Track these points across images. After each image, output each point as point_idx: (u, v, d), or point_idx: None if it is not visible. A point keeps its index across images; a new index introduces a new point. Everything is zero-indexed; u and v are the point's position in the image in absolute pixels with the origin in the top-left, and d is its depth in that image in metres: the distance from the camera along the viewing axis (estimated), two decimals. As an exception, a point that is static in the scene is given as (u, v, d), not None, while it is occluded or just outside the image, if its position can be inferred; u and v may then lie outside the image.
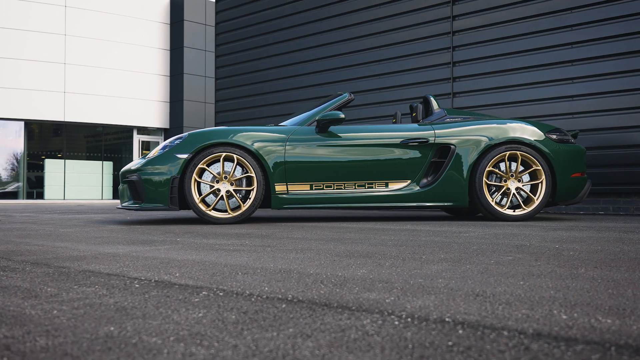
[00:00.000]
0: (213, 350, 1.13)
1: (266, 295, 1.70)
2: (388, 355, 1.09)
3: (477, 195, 5.20)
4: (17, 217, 7.05)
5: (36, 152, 20.85)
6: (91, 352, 1.12)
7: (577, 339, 1.18)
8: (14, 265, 2.40)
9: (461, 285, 1.84)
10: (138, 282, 1.97)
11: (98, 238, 3.72)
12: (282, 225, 4.85)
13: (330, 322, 1.35)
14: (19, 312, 1.49)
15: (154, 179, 5.03)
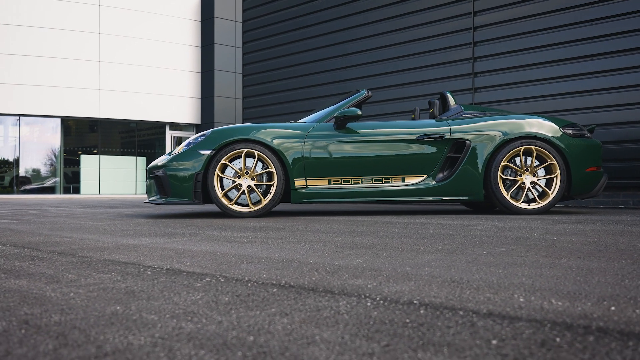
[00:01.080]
0: (200, 325, 1.31)
1: (262, 281, 1.88)
2: (349, 329, 1.26)
3: (492, 189, 5.31)
4: (52, 211, 7.36)
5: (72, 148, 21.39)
6: (95, 326, 1.30)
7: (521, 318, 1.33)
8: (42, 255, 2.62)
9: (443, 273, 1.99)
10: (151, 270, 2.16)
11: (123, 231, 3.94)
12: (300, 219, 5.04)
13: (310, 304, 1.52)
14: (40, 294, 1.70)
15: (179, 175, 5.25)
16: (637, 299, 1.52)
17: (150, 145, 22.14)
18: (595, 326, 1.24)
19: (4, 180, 21.13)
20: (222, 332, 1.24)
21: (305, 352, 1.09)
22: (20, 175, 20.86)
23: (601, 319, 1.31)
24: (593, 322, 1.28)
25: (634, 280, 1.80)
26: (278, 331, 1.25)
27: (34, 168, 21.16)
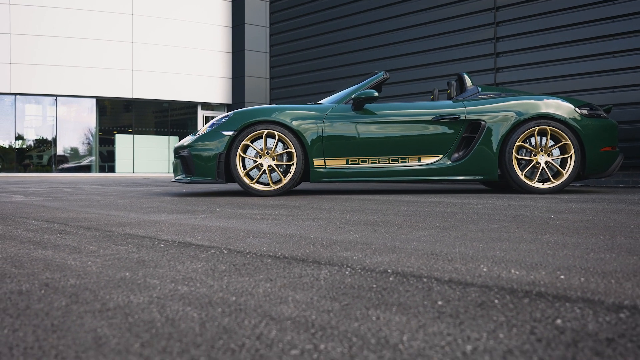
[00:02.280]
0: (193, 288, 1.52)
1: (260, 253, 2.08)
2: (320, 292, 1.45)
3: (506, 169, 5.43)
4: (85, 189, 7.68)
5: (108, 128, 21.87)
6: (104, 288, 1.52)
7: (474, 284, 1.51)
8: (69, 230, 2.86)
9: (427, 247, 2.17)
10: (164, 243, 2.38)
11: (148, 208, 4.18)
12: (317, 197, 5.23)
13: (296, 272, 1.72)
14: (62, 262, 1.92)
15: (203, 155, 5.47)
16: (589, 269, 1.68)
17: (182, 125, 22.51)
18: (536, 291, 1.41)
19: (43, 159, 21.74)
20: (210, 294, 1.44)
21: (275, 309, 1.29)
22: (58, 154, 21.44)
23: (545, 285, 1.48)
24: (536, 287, 1.45)
25: (598, 253, 1.96)
26: (259, 293, 1.45)
27: (71, 147, 21.72)
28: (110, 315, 1.24)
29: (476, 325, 1.14)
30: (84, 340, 1.07)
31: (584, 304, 1.29)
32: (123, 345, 1.04)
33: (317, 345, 1.03)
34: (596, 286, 1.46)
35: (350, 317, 1.21)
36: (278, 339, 1.06)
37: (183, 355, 0.98)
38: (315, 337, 1.08)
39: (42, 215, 3.62)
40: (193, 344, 1.04)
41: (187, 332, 1.11)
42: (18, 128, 21.05)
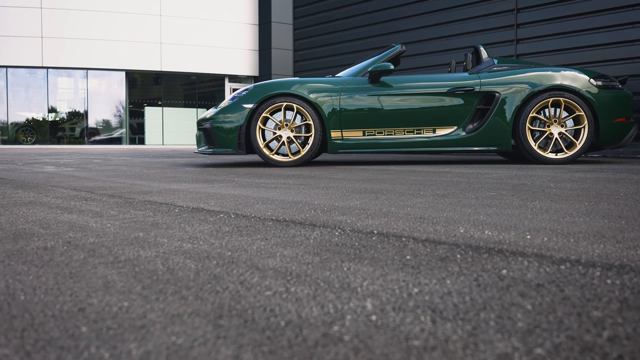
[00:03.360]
0: (196, 245, 1.71)
1: (264, 217, 2.27)
2: (306, 249, 1.63)
3: (520, 139, 5.54)
4: (114, 160, 7.96)
5: (137, 100, 22.23)
6: (118, 245, 1.72)
7: (445, 242, 1.68)
8: (95, 197, 3.08)
9: (419, 212, 2.34)
10: (179, 208, 2.58)
11: (171, 178, 4.41)
12: (333, 168, 5.41)
13: (291, 233, 1.91)
14: (84, 224, 2.14)
15: (225, 127, 5.68)
16: (556, 230, 1.83)
17: (210, 97, 22.77)
18: (498, 248, 1.58)
19: (75, 132, 22.22)
20: (210, 250, 1.64)
21: (262, 262, 1.48)
22: (89, 126, 21.89)
23: (509, 244, 1.64)
24: (499, 245, 1.62)
25: (574, 217, 2.11)
26: (252, 249, 1.64)
27: (102, 119, 22.15)
28: (120, 266, 1.44)
29: (431, 274, 1.32)
30: (95, 284, 1.27)
31: (534, 258, 1.45)
32: (127, 287, 1.24)
33: (288, 288, 1.21)
34: (554, 244, 1.62)
35: (325, 268, 1.40)
36: (257, 284, 1.25)
37: (175, 295, 1.17)
38: (290, 282, 1.26)
39: (71, 184, 3.86)
40: (185, 287, 1.23)
41: (182, 278, 1.31)
42: (51, 101, 21.51)
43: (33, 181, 4.16)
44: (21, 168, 5.93)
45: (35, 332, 0.95)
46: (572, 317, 0.99)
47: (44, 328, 0.97)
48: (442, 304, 1.08)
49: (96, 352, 0.86)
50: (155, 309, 1.07)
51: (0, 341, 0.91)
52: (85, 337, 0.93)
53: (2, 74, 20.63)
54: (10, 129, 21.21)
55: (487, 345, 0.87)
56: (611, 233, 1.78)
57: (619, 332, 0.91)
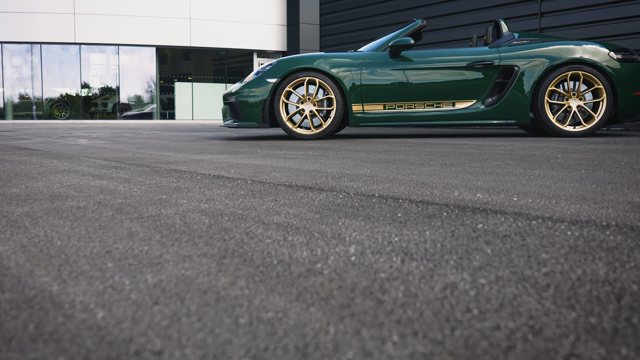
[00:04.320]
0: (212, 205, 1.90)
1: (278, 183, 2.46)
2: (309, 208, 1.81)
3: (539, 113, 5.63)
4: (144, 134, 8.22)
5: (168, 76, 22.54)
6: (143, 205, 1.92)
7: (437, 203, 1.84)
8: (124, 166, 3.30)
9: (422, 179, 2.50)
10: (201, 176, 2.78)
11: (196, 150, 4.61)
12: (353, 141, 5.57)
13: (299, 195, 2.09)
14: (113, 188, 2.35)
15: (249, 101, 5.86)
16: (543, 194, 1.98)
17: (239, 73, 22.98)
18: (482, 208, 1.74)
19: (107, 107, 22.65)
20: (224, 209, 1.83)
21: (268, 218, 1.66)
22: (121, 102, 22.28)
23: (494, 204, 1.80)
24: (485, 206, 1.78)
25: (565, 182, 2.25)
26: (262, 209, 1.82)
27: (134, 95, 22.52)
28: (143, 220, 1.64)
29: (415, 227, 1.49)
30: (121, 233, 1.47)
31: (512, 216, 1.61)
32: (148, 236, 1.43)
33: (286, 237, 1.40)
34: (535, 205, 1.77)
35: (323, 223, 1.58)
36: (260, 234, 1.44)
37: (188, 242, 1.36)
38: (289, 233, 1.45)
39: (102, 155, 4.09)
40: (197, 236, 1.42)
41: (196, 230, 1.50)
42: (84, 77, 21.92)
43: (67, 152, 4.40)
44: (56, 141, 6.20)
45: (69, 267, 1.15)
46: (522, 258, 1.16)
47: (77, 264, 1.17)
48: (415, 249, 1.26)
49: (119, 280, 1.06)
50: (170, 252, 1.27)
51: (42, 273, 1.11)
52: (111, 270, 1.12)
53: (36, 50, 21.07)
54: (45, 104, 21.70)
55: (440, 277, 1.05)
56: (592, 196, 1.93)
57: (555, 269, 1.08)
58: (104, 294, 0.97)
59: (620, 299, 0.91)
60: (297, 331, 0.80)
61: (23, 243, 1.36)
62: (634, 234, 1.35)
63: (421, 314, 0.86)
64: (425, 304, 0.90)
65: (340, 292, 0.97)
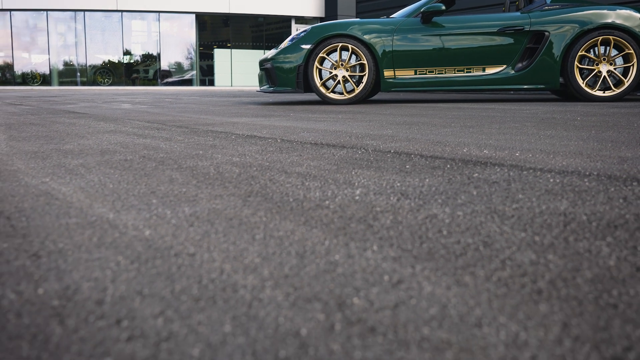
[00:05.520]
0: (243, 159, 2.13)
1: (305, 141, 2.67)
2: (329, 161, 2.03)
3: (568, 77, 5.70)
4: (184, 99, 8.51)
5: (207, 43, 22.82)
6: (182, 159, 2.16)
7: (445, 158, 2.04)
8: (165, 127, 3.55)
9: (439, 138, 2.69)
10: (235, 136, 3.01)
11: (233, 113, 4.85)
12: (384, 105, 5.74)
13: (322, 151, 2.30)
14: (156, 145, 2.59)
15: (284, 67, 6.07)
16: (545, 150, 2.16)
17: (277, 39, 23.11)
18: (484, 161, 1.93)
19: (149, 73, 23.09)
20: (253, 162, 2.06)
21: (291, 169, 1.88)
22: (162, 69, 22.67)
23: (496, 158, 1.99)
24: (486, 160, 1.97)
25: (570, 141, 2.41)
26: (286, 161, 2.05)
27: (174, 62, 22.89)
28: (182, 170, 1.88)
29: (417, 176, 1.69)
30: (163, 179, 1.71)
31: (508, 167, 1.80)
32: (186, 181, 1.67)
33: (304, 183, 1.62)
34: (534, 159, 1.96)
35: (337, 172, 1.79)
36: (282, 180, 1.66)
37: (219, 185, 1.60)
38: (306, 180, 1.67)
39: (145, 118, 4.36)
40: (228, 181, 1.66)
41: (227, 177, 1.73)
42: (125, 44, 22.35)
43: (112, 115, 4.69)
44: (101, 105, 6.52)
45: (121, 202, 1.39)
46: (500, 198, 1.36)
47: (127, 200, 1.41)
48: (412, 191, 1.47)
49: (162, 211, 1.29)
50: (204, 192, 1.50)
51: (99, 206, 1.36)
52: (155, 204, 1.36)
53: (79, 17, 21.52)
54: (89, 71, 22.22)
55: (425, 210, 1.26)
56: (589, 152, 2.10)
57: (524, 205, 1.28)
58: (150, 220, 1.21)
59: (567, 225, 1.11)
60: (300, 243, 1.02)
61: (81, 186, 1.62)
62: (608, 181, 1.53)
63: (400, 233, 1.07)
64: (406, 228, 1.12)
65: (340, 219, 1.19)
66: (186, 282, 0.84)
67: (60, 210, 1.31)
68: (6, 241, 1.06)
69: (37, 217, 1.25)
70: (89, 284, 0.84)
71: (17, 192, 1.53)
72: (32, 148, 2.52)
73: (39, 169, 1.93)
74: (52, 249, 1.01)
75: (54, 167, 1.97)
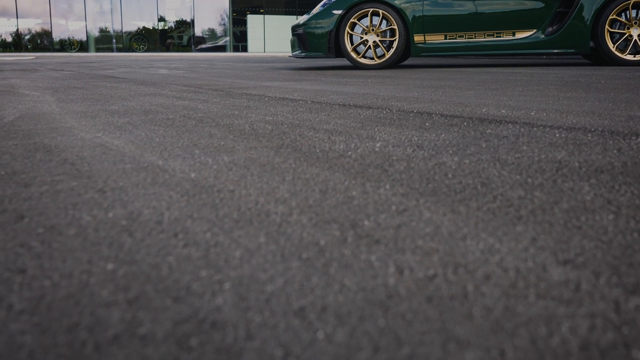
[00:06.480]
0: (274, 118, 2.30)
1: (334, 103, 2.83)
2: (354, 119, 2.18)
3: (599, 41, 5.72)
4: (218, 64, 8.69)
5: (240, 9, 22.89)
6: (219, 118, 2.34)
7: (463, 117, 2.18)
8: (201, 90, 3.74)
9: (461, 100, 2.82)
10: (268, 98, 3.18)
11: (266, 78, 5.02)
12: (414, 70, 5.84)
13: (349, 112, 2.46)
14: (194, 106, 2.78)
15: (316, 32, 6.19)
16: (559, 110, 2.28)
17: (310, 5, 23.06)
18: (499, 120, 2.07)
19: (183, 40, 23.30)
20: (284, 120, 2.22)
21: (319, 126, 2.05)
22: (196, 35, 22.85)
23: (511, 117, 2.12)
24: (502, 118, 2.10)
25: (586, 101, 2.53)
26: (315, 120, 2.21)
27: (207, 28, 23.04)
28: (219, 127, 2.06)
29: (434, 132, 1.84)
30: (203, 135, 1.89)
31: (520, 125, 1.94)
32: (223, 136, 1.85)
33: (330, 137, 1.78)
34: (546, 117, 2.09)
35: (361, 129, 1.95)
36: (310, 135, 1.83)
37: (254, 140, 1.77)
38: (333, 135, 1.83)
39: (182, 82, 4.55)
40: (261, 136, 1.83)
41: (261, 133, 1.90)
42: (160, 10, 22.54)
43: (151, 80, 4.89)
44: (139, 71, 6.73)
45: (167, 152, 1.58)
46: (505, 149, 1.51)
47: (172, 151, 1.60)
48: (427, 144, 1.62)
49: (204, 159, 1.47)
50: (240, 145, 1.68)
51: (149, 155, 1.54)
52: (197, 154, 1.54)
53: (115, -16, 21.74)
54: (125, 37, 22.52)
55: (436, 159, 1.41)
56: (602, 111, 2.22)
57: (526, 155, 1.43)
58: (194, 165, 1.39)
59: (559, 170, 1.26)
60: (323, 183, 1.19)
61: (131, 139, 1.80)
62: (610, 136, 1.67)
63: (411, 176, 1.24)
64: (417, 172, 1.28)
65: (360, 166, 1.35)
66: (227, 210, 1.01)
67: (115, 158, 1.50)
68: (74, 180, 1.25)
69: (96, 163, 1.44)
70: (148, 210, 1.02)
71: (76, 144, 1.72)
72: (80, 109, 2.73)
73: (90, 126, 2.13)
74: (114, 186, 1.19)
75: (103, 124, 2.16)
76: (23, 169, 1.39)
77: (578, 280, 0.69)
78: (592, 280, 0.69)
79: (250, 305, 0.65)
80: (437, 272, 0.73)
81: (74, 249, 0.84)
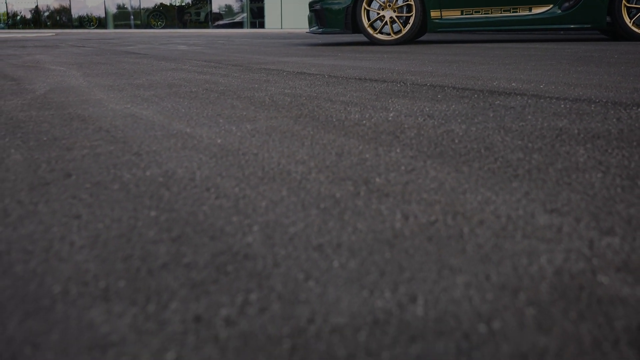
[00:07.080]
0: (293, 90, 2.40)
1: (350, 77, 2.92)
2: (369, 92, 2.28)
3: (616, 17, 5.73)
4: (236, 41, 8.77)
5: (257, -15, 22.82)
6: (241, 90, 2.45)
7: (474, 89, 2.27)
8: (221, 66, 3.84)
9: (474, 74, 2.90)
10: (286, 72, 3.27)
11: (283, 53, 5.10)
12: (431, 46, 5.89)
13: (364, 85, 2.55)
14: (215, 80, 2.88)
15: (333, 8, 6.25)
16: (568, 83, 2.36)
17: (327, -20, 22.99)
18: (509, 92, 2.16)
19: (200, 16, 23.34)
20: (302, 92, 2.33)
21: (335, 98, 2.15)
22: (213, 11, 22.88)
23: (521, 90, 2.21)
24: (511, 90, 2.19)
25: (596, 75, 2.60)
26: (332, 92, 2.31)
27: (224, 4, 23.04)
28: (241, 99, 2.17)
29: (445, 103, 1.94)
30: (225, 106, 2.00)
31: (528, 97, 2.02)
32: (245, 107, 1.95)
33: (346, 108, 1.88)
34: (555, 89, 2.17)
35: (376, 100, 2.05)
36: (327, 106, 1.93)
37: (274, 110, 1.87)
38: (348, 106, 1.93)
39: (202, 58, 4.65)
40: (281, 107, 1.93)
41: (280, 104, 2.01)
42: (177, -13, 22.54)
43: (171, 56, 5.00)
44: (158, 47, 6.84)
45: (194, 121, 1.69)
46: (511, 119, 1.60)
47: (198, 120, 1.71)
48: (437, 114, 1.72)
49: (228, 127, 1.58)
50: (261, 115, 1.78)
51: (177, 123, 1.65)
52: (222, 123, 1.65)
53: (132, -39, 21.78)
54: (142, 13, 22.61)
55: (444, 127, 1.51)
56: (609, 84, 2.29)
57: (529, 123, 1.52)
58: (220, 133, 1.50)
59: (558, 136, 1.35)
60: (339, 148, 1.30)
61: (158, 110, 1.92)
62: (612, 106, 1.75)
63: (420, 142, 1.34)
64: (426, 138, 1.38)
65: (373, 133, 1.46)
66: (252, 169, 1.12)
67: (146, 126, 1.61)
68: (111, 145, 1.37)
69: (129, 130, 1.55)
70: (181, 169, 1.13)
71: (107, 114, 1.84)
72: (107, 82, 2.85)
73: (118, 98, 2.25)
74: (148, 150, 1.31)
75: (130, 97, 2.28)
76: (63, 135, 1.50)
77: (561, 224, 0.80)
78: (573, 224, 0.80)
79: (276, 242, 0.76)
80: (438, 218, 0.84)
81: (120, 200, 0.95)
